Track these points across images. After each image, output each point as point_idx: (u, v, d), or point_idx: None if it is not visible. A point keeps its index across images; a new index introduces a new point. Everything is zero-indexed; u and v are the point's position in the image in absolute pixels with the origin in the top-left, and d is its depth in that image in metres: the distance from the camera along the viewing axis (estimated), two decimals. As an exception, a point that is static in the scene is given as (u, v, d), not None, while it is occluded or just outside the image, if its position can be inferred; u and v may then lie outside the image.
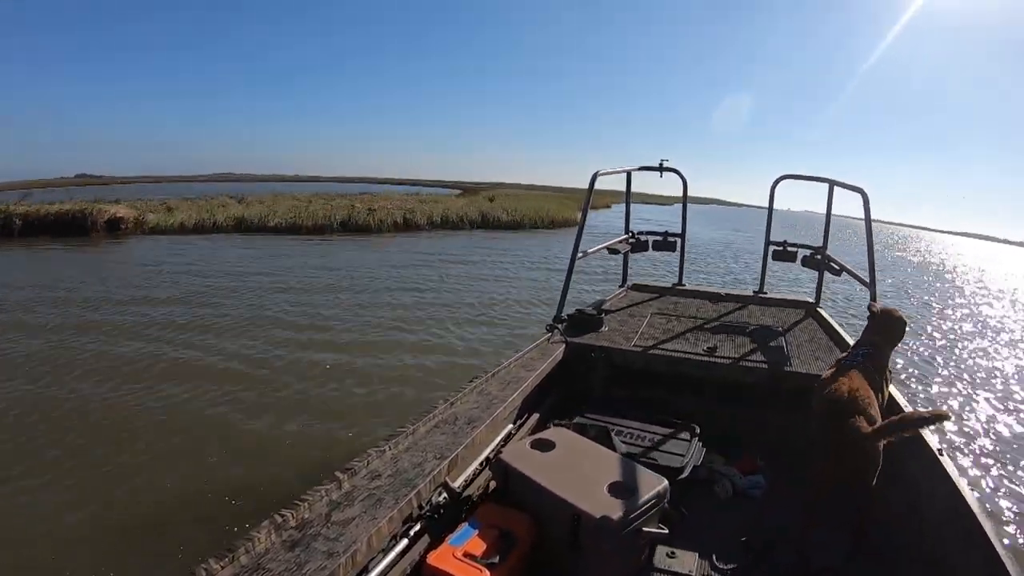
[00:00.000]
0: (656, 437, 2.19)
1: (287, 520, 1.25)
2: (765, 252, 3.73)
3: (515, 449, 1.80)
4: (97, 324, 6.59)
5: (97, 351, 5.62)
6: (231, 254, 12.82)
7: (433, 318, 7.29)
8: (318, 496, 1.37)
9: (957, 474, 1.52)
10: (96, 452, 3.70)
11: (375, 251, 14.02)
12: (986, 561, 1.24)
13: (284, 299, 8.17)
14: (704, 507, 2.00)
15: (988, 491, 3.81)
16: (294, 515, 1.27)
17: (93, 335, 6.13)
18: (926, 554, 1.51)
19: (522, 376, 2.27)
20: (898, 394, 2.02)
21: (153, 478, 3.42)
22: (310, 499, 1.34)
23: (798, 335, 2.93)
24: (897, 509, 1.76)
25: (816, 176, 3.40)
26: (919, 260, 26.80)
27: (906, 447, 1.79)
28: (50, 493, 3.25)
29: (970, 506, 1.36)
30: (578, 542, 1.49)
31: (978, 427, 4.92)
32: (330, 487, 1.41)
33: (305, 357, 5.61)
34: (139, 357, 5.47)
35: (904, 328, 1.95)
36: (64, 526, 2.97)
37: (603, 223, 15.27)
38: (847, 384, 1.69)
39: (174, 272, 10.09)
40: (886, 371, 1.88)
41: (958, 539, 1.37)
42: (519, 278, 10.66)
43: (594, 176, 3.11)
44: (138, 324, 6.63)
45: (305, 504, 1.31)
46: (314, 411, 4.39)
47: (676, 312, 3.31)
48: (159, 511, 3.10)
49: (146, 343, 5.94)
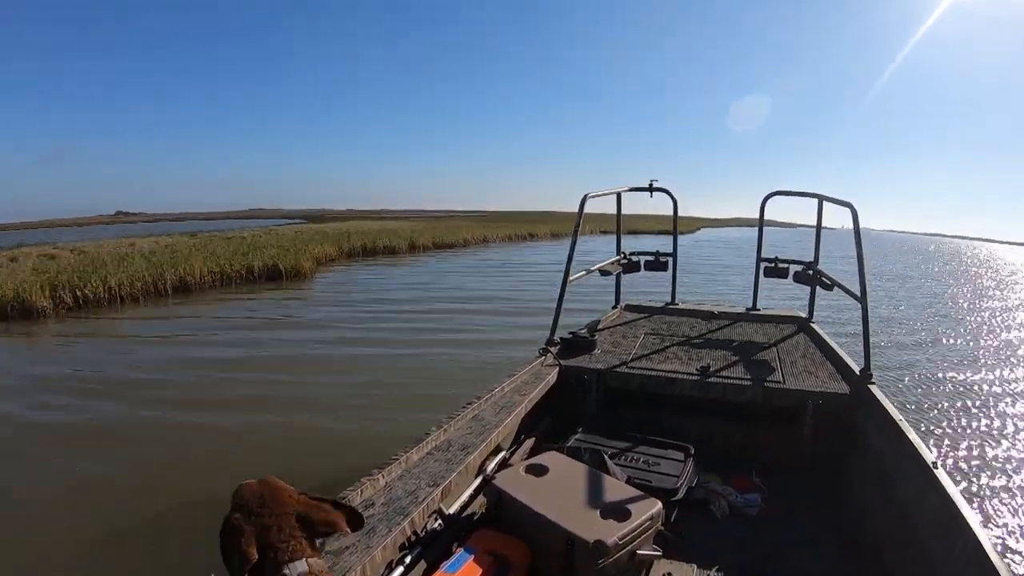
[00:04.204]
0: (651, 458, 2.19)
1: None
2: (757, 269, 3.76)
3: (509, 474, 1.80)
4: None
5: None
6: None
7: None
8: None
9: (953, 488, 1.51)
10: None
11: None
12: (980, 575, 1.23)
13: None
14: (700, 527, 2.00)
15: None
16: None
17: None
18: (920, 571, 1.51)
19: (515, 400, 2.28)
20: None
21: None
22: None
23: (791, 351, 2.95)
24: (891, 525, 1.76)
25: (805, 192, 3.44)
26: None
27: (899, 461, 1.80)
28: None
29: (967, 521, 1.35)
30: (572, 566, 1.49)
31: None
32: None
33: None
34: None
35: None
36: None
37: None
38: None
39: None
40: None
41: (952, 553, 1.36)
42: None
43: (584, 198, 3.14)
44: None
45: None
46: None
47: (669, 332, 3.33)
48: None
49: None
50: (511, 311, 10.33)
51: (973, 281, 19.95)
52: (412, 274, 16.51)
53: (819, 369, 2.64)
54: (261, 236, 23.17)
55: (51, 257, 15.32)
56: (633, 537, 1.53)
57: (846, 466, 2.27)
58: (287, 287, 13.50)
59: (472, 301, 11.26)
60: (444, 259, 20.75)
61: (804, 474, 2.34)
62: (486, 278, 15.33)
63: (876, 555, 1.76)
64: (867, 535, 1.89)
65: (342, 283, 14.61)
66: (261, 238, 21.92)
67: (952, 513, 1.42)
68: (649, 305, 3.95)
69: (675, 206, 3.91)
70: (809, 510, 2.14)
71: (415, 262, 19.60)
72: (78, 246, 18.65)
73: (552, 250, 24.34)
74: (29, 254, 16.10)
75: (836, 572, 1.77)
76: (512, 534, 1.60)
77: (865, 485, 2.05)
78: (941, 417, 5.43)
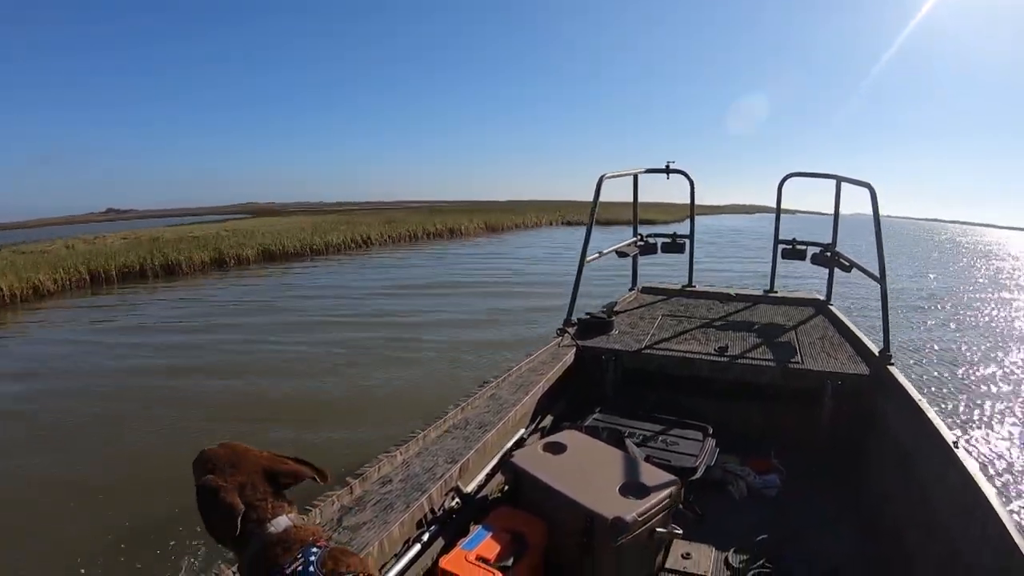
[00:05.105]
0: (669, 438, 2.17)
1: None
2: (775, 251, 3.70)
3: (526, 452, 1.79)
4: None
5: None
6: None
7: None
8: (329, 502, 1.38)
9: (974, 467, 1.48)
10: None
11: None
12: (1001, 555, 1.20)
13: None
14: (718, 508, 1.98)
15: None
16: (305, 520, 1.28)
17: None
18: (941, 551, 1.48)
19: (533, 380, 2.27)
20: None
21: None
22: (321, 504, 1.35)
23: (810, 332, 2.90)
24: (911, 505, 1.73)
25: (823, 173, 3.37)
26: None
27: (919, 441, 1.77)
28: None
29: (988, 500, 1.32)
30: (591, 543, 1.48)
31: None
32: (341, 492, 1.42)
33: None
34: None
35: None
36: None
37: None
38: None
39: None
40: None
41: (973, 533, 1.33)
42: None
43: (600, 179, 3.09)
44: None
45: (316, 510, 1.32)
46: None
47: (686, 313, 3.30)
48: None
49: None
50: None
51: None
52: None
53: (838, 351, 2.59)
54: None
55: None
56: (652, 515, 1.51)
57: (865, 447, 2.24)
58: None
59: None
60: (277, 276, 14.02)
61: (823, 455, 2.31)
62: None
63: (896, 536, 1.74)
64: (887, 516, 1.86)
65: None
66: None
67: (973, 492, 1.39)
68: (666, 287, 3.90)
69: (692, 188, 3.85)
70: (828, 491, 2.11)
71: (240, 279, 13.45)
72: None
73: (450, 262, 16.62)
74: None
75: (856, 553, 1.75)
76: (530, 512, 1.60)
77: (885, 466, 2.02)
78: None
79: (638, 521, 1.47)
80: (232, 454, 0.98)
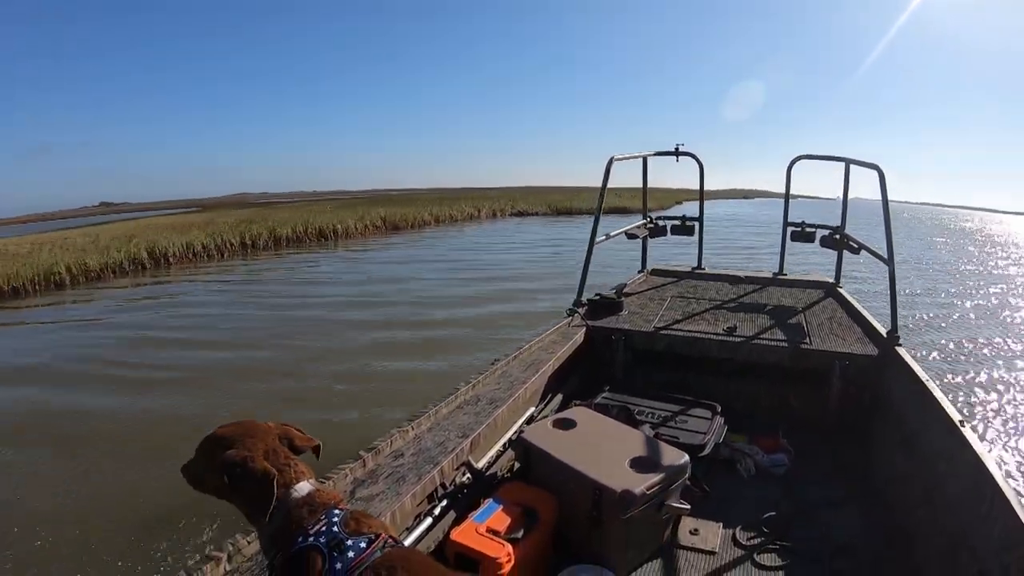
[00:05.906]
0: (677, 416, 2.18)
1: None
2: (784, 233, 3.68)
3: (537, 428, 1.81)
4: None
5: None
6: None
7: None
8: (342, 474, 1.40)
9: (981, 446, 1.47)
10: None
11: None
12: (1008, 532, 1.20)
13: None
14: (727, 485, 1.99)
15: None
16: None
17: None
18: (947, 529, 1.48)
19: (543, 358, 2.28)
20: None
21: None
22: (334, 477, 1.37)
23: (818, 314, 2.89)
24: (918, 484, 1.73)
25: (831, 155, 3.33)
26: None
27: (926, 421, 1.76)
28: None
29: (995, 479, 1.32)
30: (599, 517, 1.50)
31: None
32: (354, 465, 1.44)
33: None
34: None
35: None
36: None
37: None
38: None
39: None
40: None
41: (980, 511, 1.33)
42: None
43: (610, 161, 3.08)
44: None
45: (330, 482, 1.34)
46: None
47: (696, 295, 3.29)
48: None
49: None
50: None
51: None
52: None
53: (846, 332, 2.58)
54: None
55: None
56: (660, 488, 1.52)
57: (873, 426, 2.24)
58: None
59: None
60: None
61: (831, 435, 2.32)
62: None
63: (904, 514, 1.74)
64: (894, 494, 1.86)
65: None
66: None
67: (980, 471, 1.39)
68: (676, 269, 3.90)
69: (701, 171, 3.83)
70: (836, 470, 2.11)
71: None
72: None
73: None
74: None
75: (864, 532, 1.75)
76: (540, 487, 1.61)
77: (892, 445, 2.02)
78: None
79: (646, 495, 1.48)
80: (243, 428, 0.99)
